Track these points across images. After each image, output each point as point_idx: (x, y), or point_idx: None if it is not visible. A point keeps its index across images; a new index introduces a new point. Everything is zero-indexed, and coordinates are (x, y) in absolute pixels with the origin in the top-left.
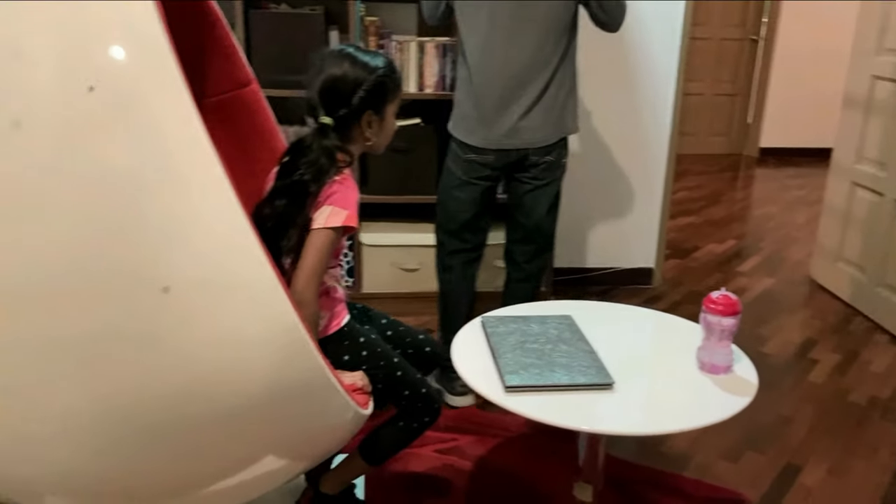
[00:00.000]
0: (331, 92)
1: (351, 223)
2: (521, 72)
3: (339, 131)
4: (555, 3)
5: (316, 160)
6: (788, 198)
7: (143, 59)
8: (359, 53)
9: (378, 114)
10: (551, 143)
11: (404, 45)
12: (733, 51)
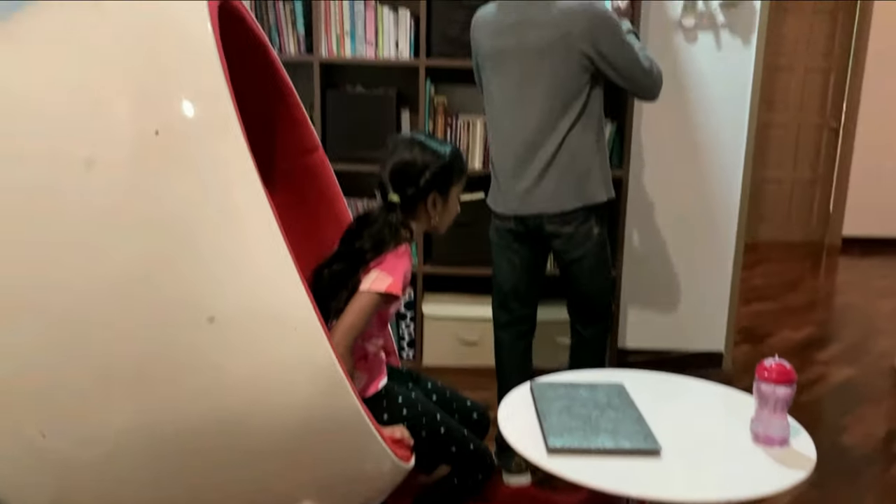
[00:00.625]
0: (401, 173)
1: (394, 290)
2: (531, 137)
3: (405, 209)
4: (559, 69)
5: (378, 232)
6: (872, 287)
7: (206, 111)
8: (429, 140)
9: (443, 195)
10: (568, 212)
11: (471, 123)
12: (812, 137)
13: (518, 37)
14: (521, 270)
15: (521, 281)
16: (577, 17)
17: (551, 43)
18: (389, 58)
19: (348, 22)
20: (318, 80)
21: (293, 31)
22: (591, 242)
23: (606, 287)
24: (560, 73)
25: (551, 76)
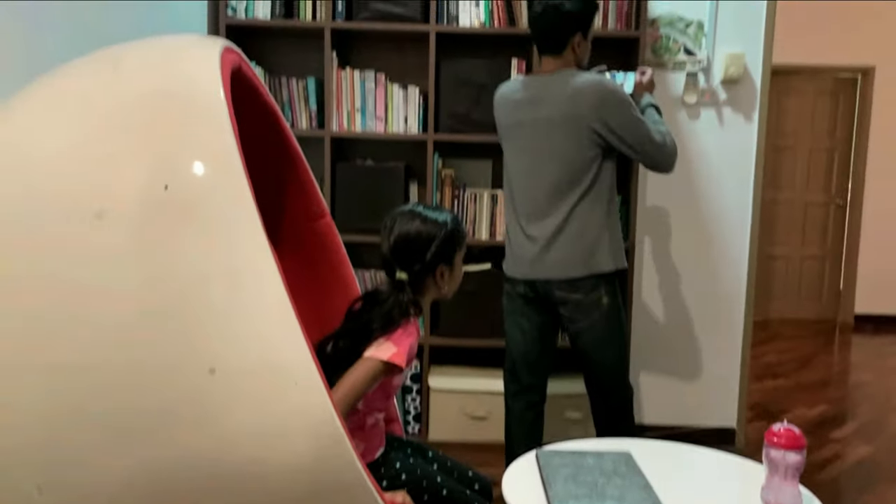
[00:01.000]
0: (404, 249)
1: (397, 361)
2: (542, 206)
3: (413, 285)
4: (570, 143)
5: (389, 311)
6: (887, 365)
7: (215, 170)
8: (426, 211)
9: (448, 264)
10: (577, 279)
11: (478, 195)
12: (819, 215)
13: (533, 111)
14: (530, 337)
15: (532, 349)
16: (587, 93)
17: (562, 117)
18: (398, 132)
19: (359, 99)
20: (328, 154)
21: (306, 108)
22: (600, 312)
23: (616, 360)
24: (570, 147)
25: (562, 149)
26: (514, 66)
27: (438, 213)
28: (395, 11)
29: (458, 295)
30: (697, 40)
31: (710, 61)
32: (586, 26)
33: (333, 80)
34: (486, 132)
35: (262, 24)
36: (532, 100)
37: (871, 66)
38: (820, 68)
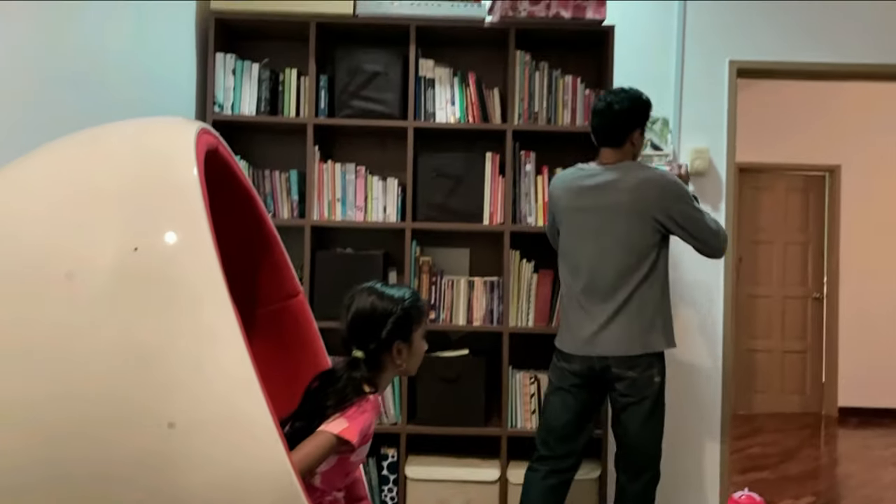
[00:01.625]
0: (361, 327)
1: (348, 436)
2: (605, 283)
3: (369, 363)
4: (634, 229)
5: (342, 389)
6: (872, 458)
7: (183, 236)
8: (384, 288)
9: (406, 341)
10: (633, 356)
11: (455, 281)
12: (798, 308)
13: (599, 198)
14: (572, 412)
15: (570, 423)
16: (653, 185)
17: (629, 206)
18: (377, 221)
19: (340, 189)
20: (308, 243)
21: (287, 198)
22: (652, 390)
23: (656, 438)
24: (634, 233)
25: (627, 235)
26: (489, 160)
27: (397, 290)
28: (375, 109)
29: (436, 381)
30: (663, 136)
31: (677, 155)
32: (643, 122)
33: (315, 172)
34: (462, 221)
35: (248, 120)
36: (598, 187)
37: (837, 165)
38: (790, 166)
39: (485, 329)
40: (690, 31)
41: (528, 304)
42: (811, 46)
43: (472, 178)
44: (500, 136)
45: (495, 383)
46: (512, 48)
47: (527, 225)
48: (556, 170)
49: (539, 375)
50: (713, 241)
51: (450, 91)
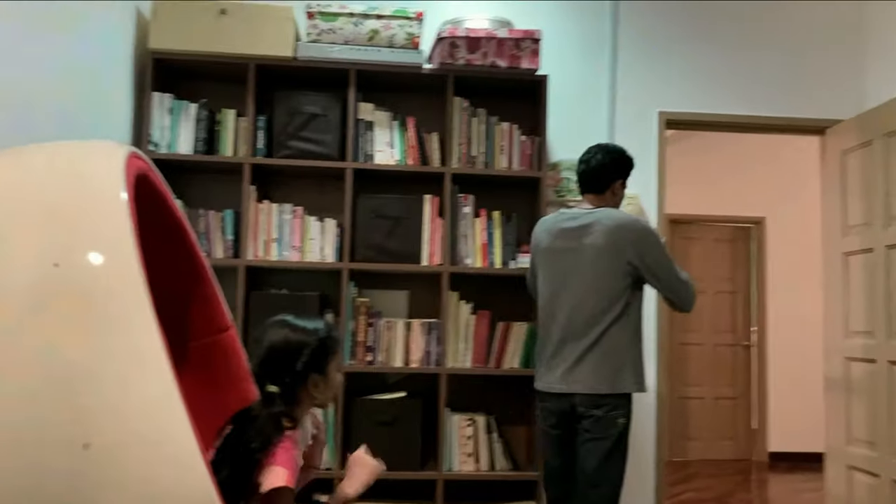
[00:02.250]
0: (275, 361)
1: (291, 483)
2: (578, 323)
3: (284, 397)
4: (607, 271)
5: (262, 428)
6: (801, 500)
7: (108, 254)
8: (297, 320)
9: (321, 373)
10: (600, 395)
11: (392, 323)
12: (728, 355)
13: (577, 239)
14: (558, 450)
15: (561, 462)
16: (630, 229)
17: (605, 248)
18: (314, 261)
19: (276, 229)
20: (242, 283)
21: (222, 237)
22: (615, 430)
23: (612, 480)
24: (608, 275)
25: (601, 277)
26: (428, 202)
27: (310, 322)
28: (313, 149)
29: (372, 425)
30: None
31: None
32: (625, 175)
33: (251, 211)
34: (401, 262)
35: (184, 159)
36: (578, 228)
37: (763, 217)
38: (718, 218)
39: (422, 370)
40: (621, 82)
41: (465, 345)
42: (734, 100)
43: (411, 219)
44: (438, 179)
45: (432, 426)
46: (450, 94)
47: (465, 266)
48: (494, 213)
49: (476, 417)
50: (683, 292)
51: (389, 134)
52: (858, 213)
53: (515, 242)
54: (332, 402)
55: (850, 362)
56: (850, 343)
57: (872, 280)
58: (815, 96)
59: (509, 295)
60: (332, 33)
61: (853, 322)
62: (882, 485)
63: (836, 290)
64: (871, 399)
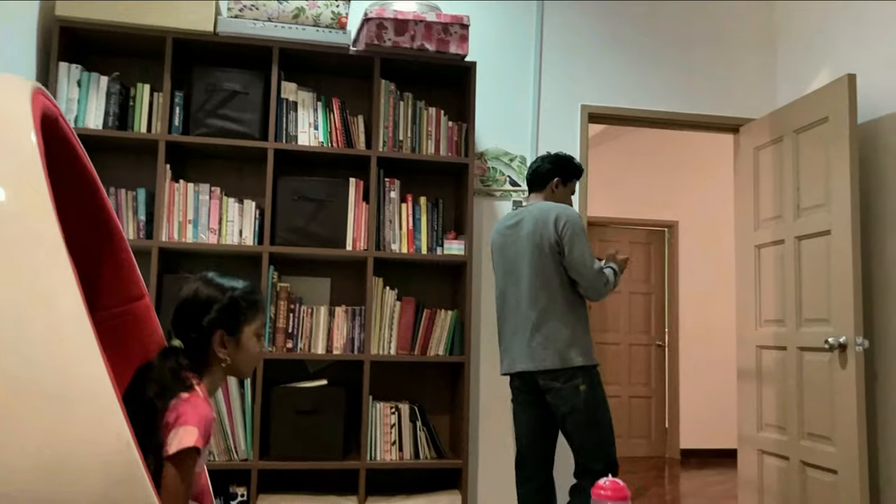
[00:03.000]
0: (182, 314)
1: (199, 444)
2: (523, 308)
3: (190, 354)
4: (541, 253)
5: (159, 380)
6: (711, 493)
7: (17, 190)
8: (216, 276)
9: (232, 335)
10: (554, 370)
11: (314, 309)
12: (642, 355)
13: (515, 234)
14: (528, 427)
15: (533, 439)
16: (550, 210)
17: (532, 233)
18: (233, 244)
19: (192, 211)
20: (155, 266)
21: (134, 217)
22: (579, 399)
23: (599, 442)
24: (540, 257)
25: (534, 260)
26: (353, 186)
27: (229, 280)
28: (233, 128)
29: (292, 414)
30: (521, 172)
31: None
32: (563, 175)
33: (165, 191)
34: (324, 246)
35: (93, 134)
36: (516, 223)
37: (676, 221)
38: (633, 221)
39: (345, 358)
40: (546, 73)
41: (390, 332)
42: (654, 97)
43: (335, 203)
44: (364, 163)
45: (355, 415)
46: (377, 77)
47: (391, 252)
48: (420, 199)
49: (400, 406)
50: (591, 278)
51: (313, 115)
52: (770, 207)
53: (442, 229)
54: (250, 375)
55: (761, 351)
56: (761, 332)
57: (783, 270)
58: (731, 95)
59: (435, 282)
60: (255, 9)
61: (765, 312)
62: (791, 467)
63: (749, 281)
64: (781, 385)
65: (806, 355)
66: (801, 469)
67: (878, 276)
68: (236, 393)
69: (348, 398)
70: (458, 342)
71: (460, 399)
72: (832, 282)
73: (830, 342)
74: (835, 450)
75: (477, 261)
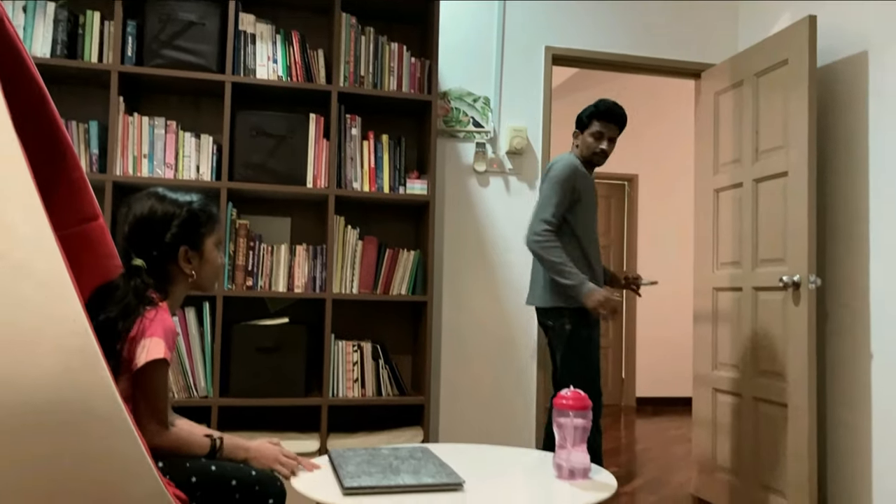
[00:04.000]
0: (140, 232)
1: (167, 356)
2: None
3: (153, 273)
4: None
5: (123, 299)
6: (665, 437)
7: None
8: (167, 192)
9: (195, 249)
10: (545, 309)
11: (274, 248)
12: None
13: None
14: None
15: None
16: (549, 164)
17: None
18: (190, 179)
19: (147, 145)
20: (110, 201)
21: (86, 151)
22: (565, 338)
23: (583, 377)
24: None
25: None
26: (313, 122)
27: (182, 194)
28: (189, 60)
29: (252, 351)
30: (484, 114)
31: (497, 133)
32: (579, 126)
33: (119, 125)
34: (284, 183)
35: (40, 62)
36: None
37: (635, 175)
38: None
39: (307, 296)
40: (511, 14)
41: (352, 272)
42: (618, 40)
43: (295, 139)
44: (324, 98)
45: (317, 353)
46: (337, 10)
47: (352, 190)
48: (382, 136)
49: (363, 344)
50: (532, 227)
51: (272, 48)
52: (729, 152)
53: (404, 168)
54: (213, 288)
55: (718, 293)
56: (718, 275)
57: (741, 213)
58: (694, 40)
59: (397, 222)
60: None
61: (722, 255)
62: (744, 403)
63: (707, 225)
64: (736, 326)
65: (761, 295)
66: (754, 405)
67: (831, 216)
68: (196, 331)
69: (310, 336)
70: (420, 282)
71: (422, 338)
72: (788, 223)
73: (785, 280)
74: (786, 385)
75: (440, 201)
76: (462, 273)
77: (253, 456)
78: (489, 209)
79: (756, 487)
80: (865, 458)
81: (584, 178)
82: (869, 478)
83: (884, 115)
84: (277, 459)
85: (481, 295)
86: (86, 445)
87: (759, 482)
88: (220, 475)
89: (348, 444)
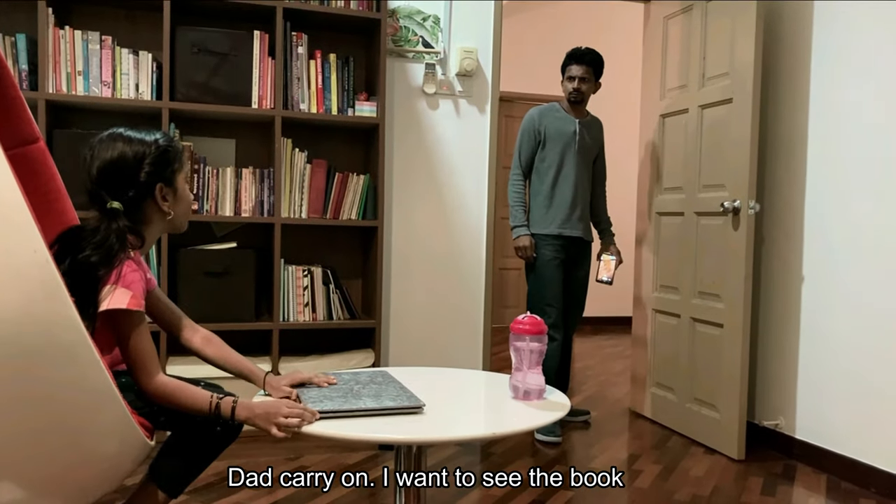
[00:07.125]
0: (112, 175)
1: (136, 306)
2: None
3: (130, 214)
4: None
5: (104, 241)
6: (604, 354)
7: None
8: (130, 132)
9: (170, 185)
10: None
11: (220, 171)
12: None
13: None
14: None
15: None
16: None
17: None
18: (129, 98)
19: (81, 62)
20: (44, 119)
21: (15, 66)
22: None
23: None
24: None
25: None
26: (257, 39)
27: (146, 133)
28: None
29: (200, 276)
30: (434, 34)
31: (447, 54)
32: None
33: (49, 39)
34: (228, 103)
35: None
36: None
37: None
38: (541, 98)
39: (255, 220)
40: None
41: (301, 196)
42: None
43: (239, 57)
44: (268, 14)
45: (266, 278)
46: None
47: (300, 112)
48: (330, 55)
49: (313, 269)
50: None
51: None
52: (676, 77)
53: (353, 90)
54: (186, 226)
55: (661, 217)
56: (661, 199)
57: (685, 138)
58: None
59: (346, 145)
60: None
61: (666, 180)
62: (682, 323)
63: (652, 151)
64: (677, 249)
65: (702, 220)
66: (691, 325)
67: (772, 144)
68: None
69: (259, 261)
70: (370, 207)
71: (373, 263)
72: (730, 149)
73: (725, 206)
74: (723, 306)
75: (389, 124)
76: (411, 197)
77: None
78: (439, 132)
79: (690, 401)
80: (791, 375)
81: (553, 121)
82: (794, 395)
83: (828, 47)
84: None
85: (431, 219)
86: (50, 372)
87: (693, 397)
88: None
89: (300, 367)
